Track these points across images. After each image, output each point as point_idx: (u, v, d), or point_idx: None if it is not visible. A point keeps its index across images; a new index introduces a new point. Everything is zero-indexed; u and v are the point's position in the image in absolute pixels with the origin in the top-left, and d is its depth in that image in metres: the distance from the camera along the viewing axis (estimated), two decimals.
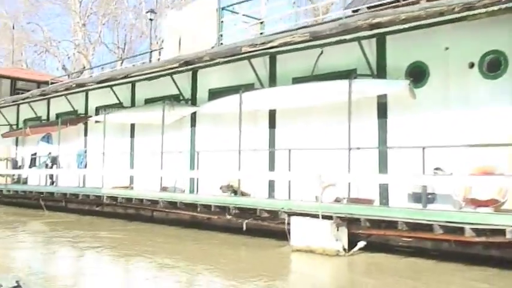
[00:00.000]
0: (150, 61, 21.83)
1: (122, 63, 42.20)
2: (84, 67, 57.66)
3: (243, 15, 15.92)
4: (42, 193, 18.84)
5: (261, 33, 16.29)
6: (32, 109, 20.31)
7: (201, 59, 13.34)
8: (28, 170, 20.14)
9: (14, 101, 21.53)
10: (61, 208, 19.15)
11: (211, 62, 13.38)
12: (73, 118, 18.42)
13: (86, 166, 18.16)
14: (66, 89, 18.28)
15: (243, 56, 12.57)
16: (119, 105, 16.74)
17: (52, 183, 19.39)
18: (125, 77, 15.72)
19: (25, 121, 21.98)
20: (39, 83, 33.40)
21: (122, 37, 61.51)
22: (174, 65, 14.05)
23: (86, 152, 18.34)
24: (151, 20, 25.87)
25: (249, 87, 12.91)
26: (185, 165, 14.87)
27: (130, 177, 16.37)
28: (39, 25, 63.90)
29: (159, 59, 42.57)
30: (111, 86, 16.22)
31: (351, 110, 10.57)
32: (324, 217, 10.28)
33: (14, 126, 22.39)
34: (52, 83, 25.29)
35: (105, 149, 16.00)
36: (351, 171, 10.44)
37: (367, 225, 10.20)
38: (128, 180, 16.44)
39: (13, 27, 42.81)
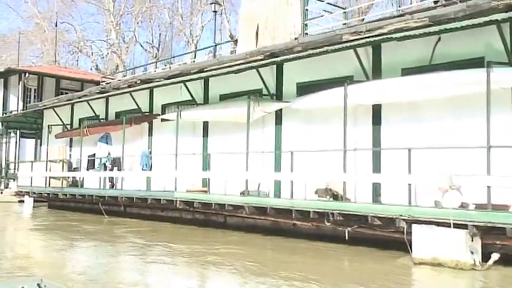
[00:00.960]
0: (214, 56, 20.61)
1: (166, 63, 41.17)
2: (117, 67, 57.05)
3: (327, 3, 14.59)
4: (102, 197, 17.79)
5: (344, 24, 15.00)
6: (91, 107, 19.22)
7: (291, 49, 12.02)
8: (86, 173, 19.08)
9: (68, 100, 20.52)
10: (120, 213, 18.11)
11: (303, 54, 12.04)
12: (138, 116, 17.27)
13: (150, 168, 17.01)
14: (129, 86, 17.15)
15: (342, 45, 11.24)
16: (191, 102, 15.52)
17: (112, 186, 18.35)
18: (199, 71, 14.53)
19: (80, 121, 20.97)
20: (84, 82, 32.60)
21: (156, 36, 60.79)
22: (258, 57, 12.77)
23: (150, 152, 17.19)
24: (215, 12, 24.48)
25: (344, 80, 11.52)
26: (267, 166, 13.60)
27: (203, 179, 15.17)
28: (72, 25, 63.49)
29: (194, 61, 41.60)
30: (184, 82, 15.00)
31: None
32: (454, 225, 8.97)
33: (68, 126, 21.38)
34: (101, 82, 24.37)
35: (177, 150, 14.81)
36: (490, 173, 9.05)
37: (505, 235, 8.87)
38: (199, 183, 15.25)
39: (56, 25, 41.82)
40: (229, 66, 13.52)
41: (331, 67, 12.37)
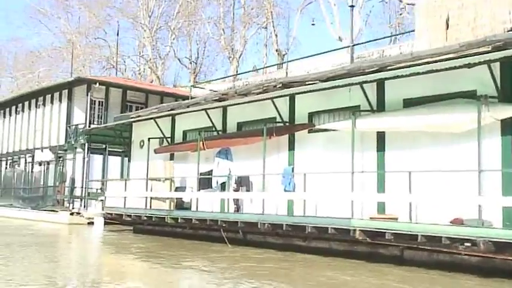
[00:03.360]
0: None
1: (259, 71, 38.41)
2: (152, 82, 54.16)
3: None
4: (223, 222, 14.71)
5: None
6: (209, 118, 16.13)
7: None
8: (201, 193, 15.94)
9: (171, 109, 17.47)
10: (240, 241, 15.00)
11: None
12: (281, 127, 14.17)
13: (294, 188, 13.88)
14: (264, 91, 14.13)
15: None
16: (353, 109, 12.44)
17: (237, 209, 15.23)
18: (377, 71, 11.52)
19: (184, 133, 17.91)
20: (149, 93, 29.65)
21: (194, 51, 58.05)
22: (484, 49, 9.74)
23: (293, 170, 14.05)
24: (352, 6, 21.44)
25: None
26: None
27: (378, 203, 12.03)
28: (106, 40, 60.91)
29: (235, 76, 38.62)
30: (360, 83, 11.91)
31: None
32: None
33: (169, 140, 18.30)
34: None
35: (353, 167, 11.71)
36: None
37: None
38: (371, 207, 12.12)
39: (117, 34, 39.09)
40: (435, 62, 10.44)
41: None
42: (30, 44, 66.22)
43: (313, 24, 49.95)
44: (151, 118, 17.70)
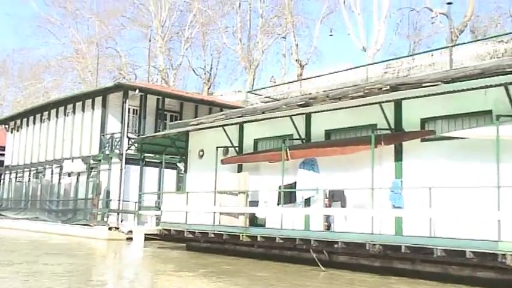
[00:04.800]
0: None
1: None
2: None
3: None
4: (318, 242, 12.91)
5: None
6: (294, 125, 14.26)
7: None
8: (283, 209, 14.02)
9: (241, 115, 15.60)
10: (326, 263, 13.18)
11: None
12: (390, 134, 12.33)
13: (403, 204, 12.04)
14: (366, 94, 12.35)
15: None
16: (485, 114, 10.68)
17: (328, 227, 13.36)
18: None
19: (255, 142, 16.03)
20: (184, 101, 27.79)
21: (208, 61, 56.27)
22: None
23: (401, 183, 12.20)
24: (449, 3, 19.71)
25: None
26: None
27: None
28: (117, 50, 59.13)
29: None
30: (488, 87, 10.13)
31: None
32: None
33: (236, 149, 16.40)
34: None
35: (499, 181, 9.88)
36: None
37: None
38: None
39: (149, 40, 37.53)
40: None
41: None
42: (37, 54, 63.80)
43: (331, 35, 48.46)
44: (220, 126, 15.80)
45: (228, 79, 55.70)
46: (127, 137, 24.34)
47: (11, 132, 34.69)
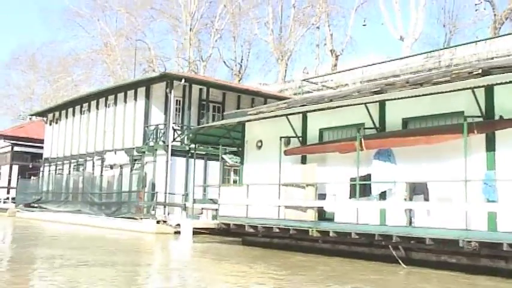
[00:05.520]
0: None
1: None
2: None
3: None
4: (400, 238, 11.97)
5: None
6: (369, 113, 13.27)
7: None
8: (359, 203, 13.06)
9: (303, 105, 14.64)
10: (412, 261, 12.22)
11: None
12: (484, 122, 11.29)
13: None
14: (451, 80, 11.30)
15: None
16: None
17: (409, 222, 12.38)
18: None
19: (321, 132, 15.09)
20: (227, 92, 26.94)
21: (239, 52, 55.40)
22: None
23: (495, 175, 11.17)
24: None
25: None
26: None
27: None
28: (146, 42, 58.39)
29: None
30: None
31: None
32: None
33: (299, 139, 15.47)
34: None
35: None
36: None
37: None
38: None
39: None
40: None
41: None
42: (66, 48, 63.55)
43: (364, 25, 47.17)
44: (284, 115, 14.88)
45: (262, 70, 54.77)
46: (172, 128, 23.59)
47: (50, 124, 34.24)
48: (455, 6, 43.19)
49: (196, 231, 20.47)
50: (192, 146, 23.74)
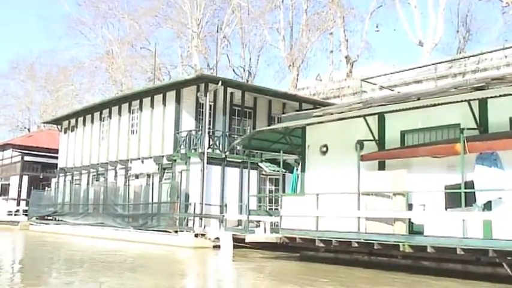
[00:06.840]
0: None
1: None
2: None
3: None
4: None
5: None
6: (472, 111, 11.54)
7: None
8: (453, 213, 11.33)
9: (385, 104, 12.95)
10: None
11: None
12: None
13: None
14: None
15: None
16: None
17: None
18: None
19: (402, 134, 13.37)
20: (258, 97, 25.20)
21: (247, 59, 53.86)
22: None
23: None
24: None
25: None
26: None
27: None
28: (150, 50, 56.58)
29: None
30: None
31: None
32: None
33: (377, 142, 13.74)
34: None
35: None
36: None
37: None
38: None
39: (217, 30, 35.10)
40: None
41: None
42: (67, 56, 61.60)
43: (377, 31, 45.87)
44: (361, 116, 13.15)
45: (275, 77, 53.04)
46: (208, 134, 21.80)
47: (65, 132, 32.19)
48: (476, 10, 42.13)
49: (236, 245, 18.76)
50: (228, 153, 22.12)
